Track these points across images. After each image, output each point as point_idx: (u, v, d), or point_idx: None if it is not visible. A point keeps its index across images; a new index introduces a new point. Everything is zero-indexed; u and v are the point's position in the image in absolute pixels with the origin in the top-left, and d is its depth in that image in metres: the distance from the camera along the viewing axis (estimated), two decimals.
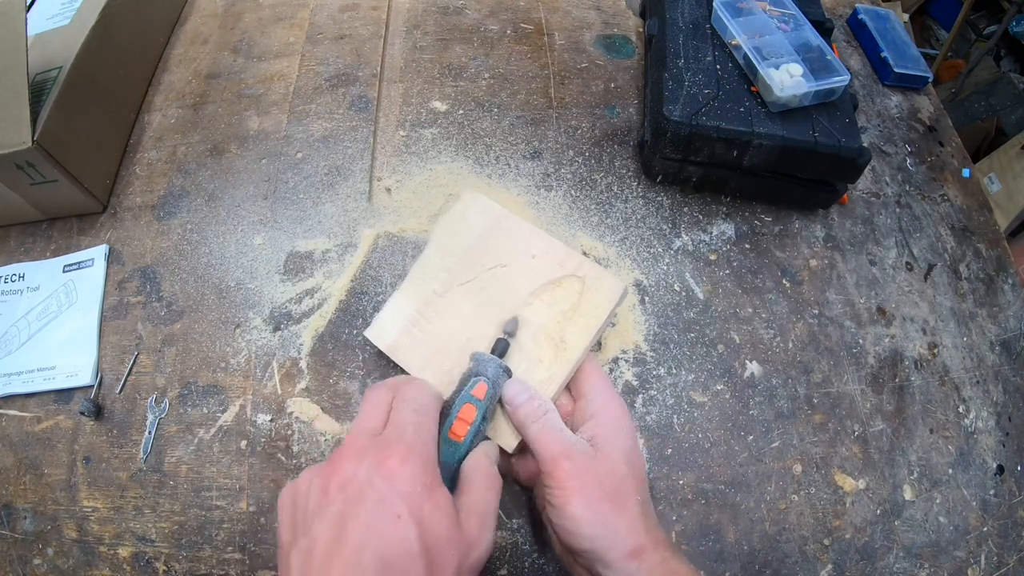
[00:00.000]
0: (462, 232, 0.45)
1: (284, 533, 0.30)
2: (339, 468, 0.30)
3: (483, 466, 0.34)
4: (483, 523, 0.31)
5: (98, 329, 0.49)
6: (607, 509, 0.33)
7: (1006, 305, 0.54)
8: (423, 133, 0.57)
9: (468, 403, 0.36)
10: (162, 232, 0.53)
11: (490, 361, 0.38)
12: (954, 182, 0.60)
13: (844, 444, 0.46)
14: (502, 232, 0.44)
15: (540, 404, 0.37)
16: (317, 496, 0.29)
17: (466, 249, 0.44)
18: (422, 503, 0.28)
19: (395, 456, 0.29)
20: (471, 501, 0.31)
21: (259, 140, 0.57)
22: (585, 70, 0.62)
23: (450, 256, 0.44)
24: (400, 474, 0.29)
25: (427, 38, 0.64)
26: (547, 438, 0.35)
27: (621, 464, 0.35)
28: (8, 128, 0.46)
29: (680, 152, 0.49)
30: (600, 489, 0.33)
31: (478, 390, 0.36)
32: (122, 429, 0.45)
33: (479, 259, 0.44)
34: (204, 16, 0.69)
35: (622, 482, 0.34)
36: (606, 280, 0.42)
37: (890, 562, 0.43)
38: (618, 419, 0.38)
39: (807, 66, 0.49)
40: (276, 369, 0.46)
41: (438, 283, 0.43)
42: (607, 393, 0.39)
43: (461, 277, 0.43)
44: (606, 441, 0.36)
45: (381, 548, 0.27)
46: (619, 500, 0.34)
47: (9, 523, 0.44)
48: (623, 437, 0.37)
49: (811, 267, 0.52)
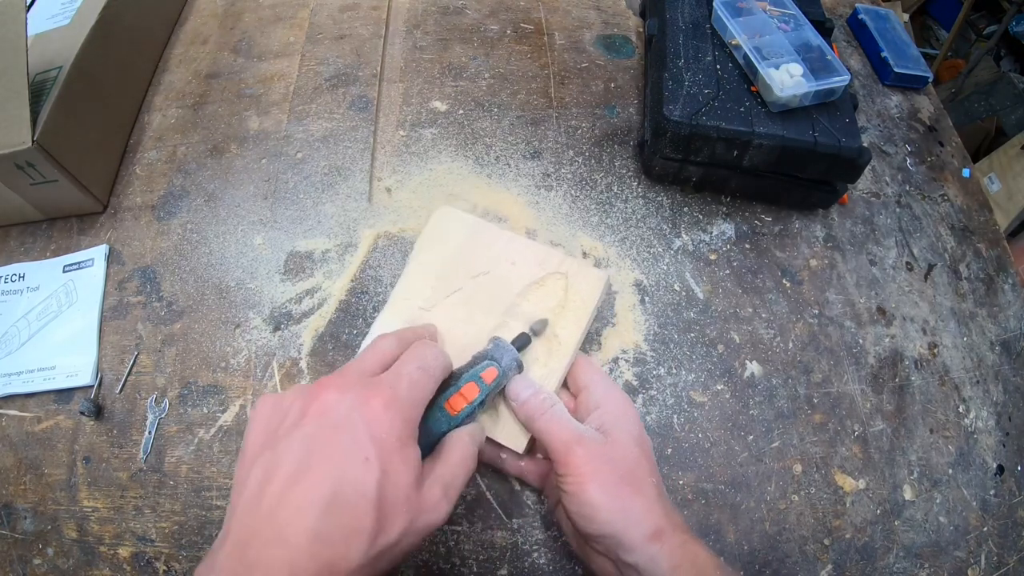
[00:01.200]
0: (440, 247, 0.45)
1: (252, 441, 0.30)
2: (322, 394, 0.30)
3: (463, 443, 0.34)
4: (445, 494, 0.31)
5: (98, 329, 0.49)
6: (624, 492, 0.33)
7: (1006, 305, 0.54)
8: (423, 133, 0.57)
9: (473, 382, 0.36)
10: (162, 232, 0.53)
11: (507, 350, 0.37)
12: (954, 182, 0.60)
13: (844, 444, 0.46)
14: (480, 241, 0.44)
15: (546, 398, 0.37)
16: (295, 416, 0.29)
17: (446, 263, 0.44)
18: (392, 454, 0.28)
19: (380, 400, 0.29)
20: (441, 470, 0.31)
21: (259, 140, 0.57)
22: (585, 70, 0.62)
23: (430, 273, 0.44)
24: (380, 419, 0.29)
25: (427, 38, 0.64)
26: (556, 427, 0.35)
27: (632, 447, 0.35)
28: (8, 128, 0.46)
29: (680, 152, 0.49)
30: (615, 473, 0.33)
31: (488, 373, 0.36)
32: (122, 429, 0.45)
33: (462, 270, 0.43)
34: (204, 16, 0.69)
35: (636, 464, 0.34)
36: (588, 272, 0.42)
37: (890, 562, 0.43)
38: (622, 405, 0.38)
39: (807, 66, 0.49)
40: (276, 369, 0.46)
41: (422, 300, 0.43)
42: (607, 383, 0.39)
43: (446, 290, 0.43)
44: (614, 427, 0.36)
45: (339, 483, 0.27)
46: (635, 482, 0.34)
47: (9, 523, 0.44)
48: (630, 422, 0.37)
49: (811, 267, 0.52)
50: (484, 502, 0.42)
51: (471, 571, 0.41)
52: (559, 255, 0.43)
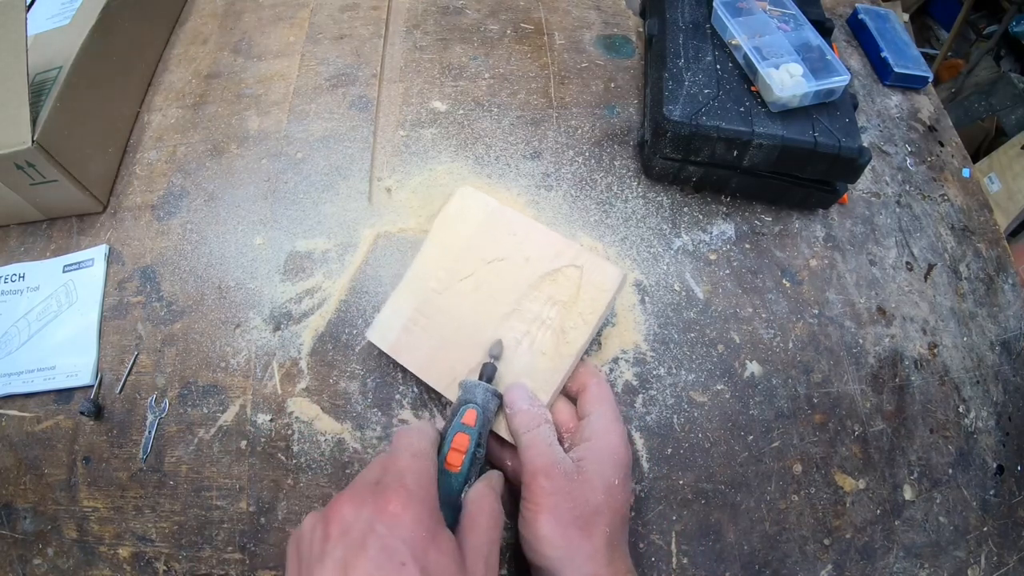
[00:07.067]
0: (459, 228, 0.45)
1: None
2: (339, 513, 0.29)
3: (487, 502, 0.34)
4: (488, 564, 0.31)
5: (98, 329, 0.49)
6: (572, 533, 0.33)
7: (1006, 305, 0.54)
8: (423, 133, 0.57)
9: (460, 432, 0.36)
10: (162, 232, 0.53)
11: (477, 387, 0.38)
12: (954, 182, 0.60)
13: (844, 444, 0.46)
14: (499, 226, 0.44)
15: (537, 415, 0.37)
16: (319, 542, 0.29)
17: (463, 245, 0.44)
18: (426, 549, 0.28)
19: (395, 502, 0.29)
20: (475, 540, 0.31)
21: (259, 140, 0.57)
22: (585, 70, 0.62)
23: (448, 253, 0.44)
24: (402, 520, 0.29)
25: (427, 38, 0.64)
26: (534, 451, 0.36)
27: (599, 493, 0.35)
28: (8, 128, 0.46)
29: (680, 152, 0.49)
30: (571, 513, 0.34)
31: (467, 417, 0.36)
32: (122, 429, 0.45)
33: (477, 254, 0.43)
34: (204, 16, 0.69)
35: (595, 511, 0.34)
36: (604, 268, 0.41)
37: (890, 562, 0.43)
38: (612, 449, 0.37)
39: (807, 66, 0.49)
40: (276, 369, 0.46)
41: (436, 281, 0.43)
42: (608, 420, 0.39)
43: (460, 273, 0.43)
44: (593, 467, 0.36)
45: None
46: (587, 527, 0.34)
47: (9, 523, 0.44)
48: (610, 468, 0.36)
49: (811, 267, 0.52)
50: None
51: None
52: (576, 247, 0.42)
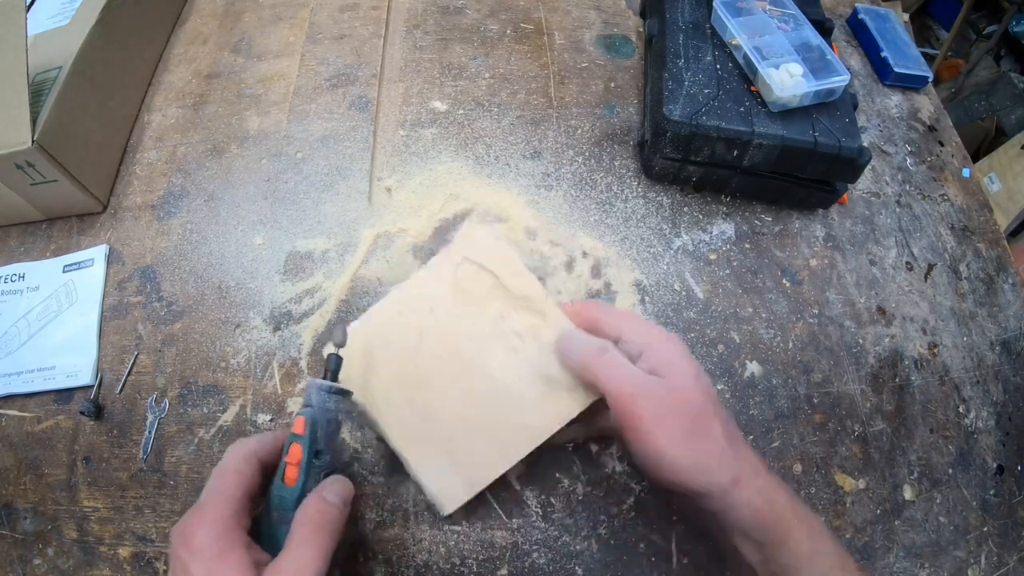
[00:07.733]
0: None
1: None
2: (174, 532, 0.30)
3: (309, 517, 0.31)
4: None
5: (98, 329, 0.49)
6: (694, 443, 0.31)
7: (1006, 305, 0.54)
8: (423, 133, 0.57)
9: (294, 443, 0.33)
10: (162, 232, 0.53)
11: (314, 387, 0.34)
12: (954, 182, 0.60)
13: (844, 444, 0.46)
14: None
15: (599, 343, 0.34)
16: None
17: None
18: (214, 569, 0.28)
19: (192, 523, 0.30)
20: (285, 560, 0.29)
21: (259, 140, 0.57)
22: (585, 70, 0.62)
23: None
24: (197, 542, 0.29)
25: (427, 38, 0.64)
26: (617, 379, 0.33)
27: (691, 392, 0.32)
28: (8, 128, 0.46)
29: (680, 152, 0.49)
30: (681, 423, 0.31)
31: (297, 425, 0.33)
32: (122, 429, 0.45)
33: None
34: (204, 16, 0.69)
35: (701, 410, 0.32)
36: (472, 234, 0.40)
37: (890, 562, 0.43)
38: (671, 345, 0.34)
39: (807, 66, 0.49)
40: (276, 369, 0.46)
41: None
42: (645, 326, 0.36)
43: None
44: (669, 370, 0.33)
45: None
46: (703, 430, 0.32)
47: (9, 523, 0.44)
48: (683, 363, 0.33)
49: (811, 267, 0.52)
50: (484, 502, 0.42)
51: (471, 571, 0.41)
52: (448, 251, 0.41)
